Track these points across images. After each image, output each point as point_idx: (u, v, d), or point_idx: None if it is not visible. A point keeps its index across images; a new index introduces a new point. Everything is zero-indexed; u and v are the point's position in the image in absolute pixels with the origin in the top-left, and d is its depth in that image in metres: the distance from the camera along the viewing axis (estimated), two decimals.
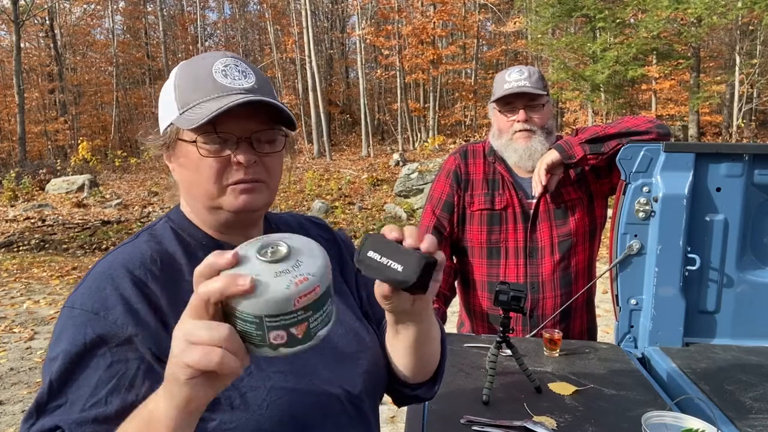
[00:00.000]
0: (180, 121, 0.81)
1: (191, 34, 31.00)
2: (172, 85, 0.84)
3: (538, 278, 1.83)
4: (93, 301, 0.75)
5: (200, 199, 0.85)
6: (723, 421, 1.23)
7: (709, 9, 12.90)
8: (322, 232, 1.06)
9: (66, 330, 0.75)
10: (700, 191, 1.65)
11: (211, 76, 0.81)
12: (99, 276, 0.79)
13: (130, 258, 0.81)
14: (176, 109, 0.82)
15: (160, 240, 0.86)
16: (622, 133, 1.74)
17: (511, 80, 1.78)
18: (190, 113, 0.80)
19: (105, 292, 0.76)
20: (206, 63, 0.83)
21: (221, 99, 0.79)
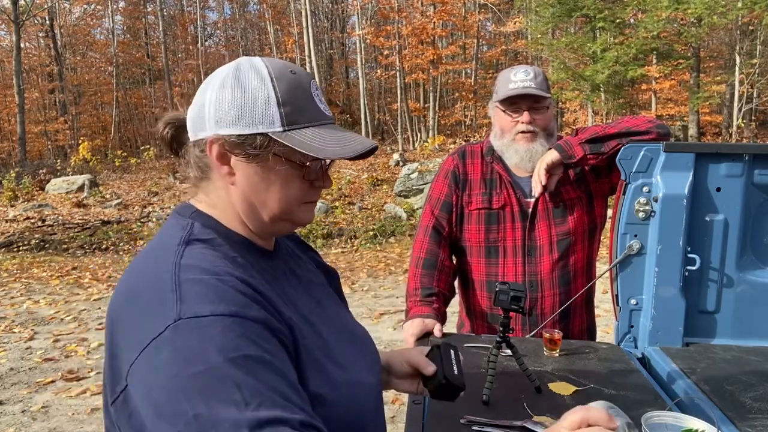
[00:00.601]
0: (289, 140, 0.80)
1: (191, 34, 31.00)
2: (271, 92, 0.80)
3: (536, 277, 1.84)
4: (223, 304, 0.70)
5: (272, 211, 0.85)
6: (723, 421, 1.23)
7: (709, 9, 12.90)
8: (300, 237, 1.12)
9: (209, 340, 0.67)
10: (700, 191, 1.65)
11: (313, 99, 0.84)
12: (205, 282, 0.73)
13: (217, 265, 0.77)
14: (278, 122, 0.80)
15: (213, 244, 0.83)
16: (622, 133, 1.74)
17: (517, 80, 1.77)
18: (298, 134, 0.80)
19: (229, 295, 0.72)
20: (303, 81, 0.84)
21: (329, 129, 0.84)
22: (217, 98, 0.82)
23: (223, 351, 0.66)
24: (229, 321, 0.69)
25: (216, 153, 0.82)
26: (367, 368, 0.92)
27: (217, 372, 0.65)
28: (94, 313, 5.68)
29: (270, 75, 0.81)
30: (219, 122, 0.81)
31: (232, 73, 0.83)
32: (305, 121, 0.82)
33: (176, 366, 0.66)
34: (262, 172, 0.83)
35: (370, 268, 7.62)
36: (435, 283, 1.84)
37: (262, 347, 0.69)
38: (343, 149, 0.80)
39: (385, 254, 8.49)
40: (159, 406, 0.65)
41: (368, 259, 8.19)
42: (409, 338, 1.72)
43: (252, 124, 0.80)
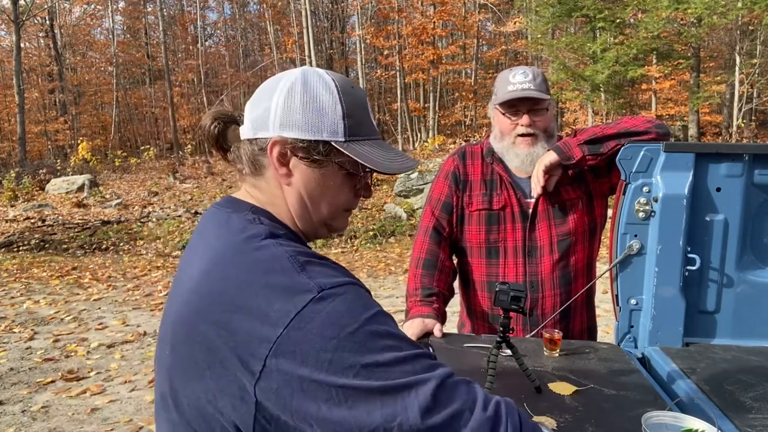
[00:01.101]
0: (350, 150, 0.86)
1: (191, 34, 31.00)
2: (339, 104, 0.87)
3: (537, 277, 1.84)
4: (347, 276, 0.78)
5: (321, 214, 0.92)
6: (723, 421, 1.23)
7: (709, 9, 12.90)
8: None
9: (353, 301, 0.75)
10: (700, 191, 1.65)
11: (369, 115, 0.92)
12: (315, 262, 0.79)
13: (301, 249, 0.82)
14: (341, 132, 0.86)
15: (286, 237, 0.87)
16: (621, 133, 1.74)
17: (516, 82, 1.77)
18: (358, 146, 0.88)
19: (339, 269, 0.80)
20: (362, 97, 0.92)
21: (380, 144, 0.92)
22: (284, 103, 0.87)
23: (366, 310, 0.74)
24: (354, 287, 0.77)
25: (277, 153, 0.87)
26: None
27: (369, 326, 0.72)
28: (94, 313, 5.68)
29: (337, 88, 0.88)
30: (284, 125, 0.86)
31: (300, 81, 0.88)
32: (364, 135, 0.89)
33: (333, 328, 0.71)
34: (321, 177, 0.89)
35: (370, 268, 7.62)
36: (435, 284, 1.84)
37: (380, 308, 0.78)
38: (395, 165, 0.89)
39: (385, 254, 8.49)
40: (321, 369, 0.69)
41: (368, 259, 8.19)
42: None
43: (318, 132, 0.86)
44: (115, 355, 4.48)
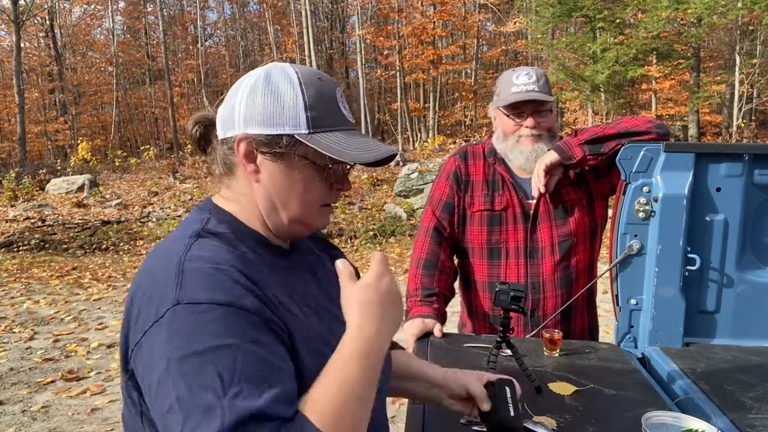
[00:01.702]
0: (314, 142, 0.84)
1: (191, 34, 31.00)
2: (300, 96, 0.85)
3: (538, 278, 1.83)
4: (219, 293, 0.74)
5: (293, 211, 0.89)
6: (723, 421, 1.23)
7: (709, 9, 12.90)
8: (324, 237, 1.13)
9: (202, 326, 0.71)
10: (700, 191, 1.65)
11: (338, 104, 0.89)
12: (205, 271, 0.76)
13: (219, 256, 0.80)
14: (304, 124, 0.85)
15: (230, 241, 0.86)
16: (621, 133, 1.74)
17: (519, 83, 1.77)
18: (323, 137, 0.85)
19: (226, 284, 0.75)
20: (329, 88, 0.89)
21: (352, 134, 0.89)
22: (247, 100, 0.87)
23: (213, 338, 0.70)
24: (223, 310, 0.72)
25: (243, 151, 0.87)
26: None
27: (203, 358, 0.69)
28: (94, 313, 5.68)
29: (299, 80, 0.86)
30: (248, 122, 0.86)
31: (263, 77, 0.88)
32: (330, 126, 0.87)
33: (169, 348, 0.70)
34: (287, 171, 0.87)
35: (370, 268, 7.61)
36: (435, 284, 1.84)
37: (251, 336, 0.72)
38: (364, 154, 0.85)
39: (385, 254, 8.49)
40: (152, 385, 0.71)
41: (368, 259, 8.19)
42: (409, 338, 1.72)
43: (279, 125, 0.85)
44: (115, 355, 4.48)
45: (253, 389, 0.68)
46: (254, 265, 0.83)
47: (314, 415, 0.70)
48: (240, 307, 0.74)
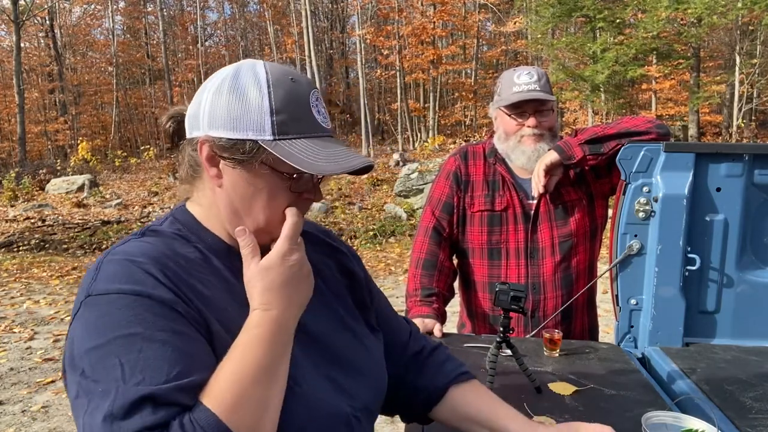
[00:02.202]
0: (278, 149, 0.78)
1: (191, 34, 31.00)
2: (266, 99, 0.79)
3: (539, 279, 1.83)
4: (128, 283, 0.73)
5: (257, 220, 0.83)
6: (723, 421, 1.23)
7: (709, 9, 12.90)
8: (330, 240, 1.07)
9: (107, 315, 0.71)
10: (700, 191, 1.65)
11: (309, 109, 0.82)
12: (119, 263, 0.76)
13: (146, 250, 0.79)
14: (268, 130, 0.79)
15: (167, 240, 0.84)
16: (621, 133, 1.74)
17: (521, 83, 1.77)
18: (288, 145, 0.79)
19: (137, 274, 0.75)
20: (302, 90, 0.82)
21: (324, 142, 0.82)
22: (212, 100, 0.82)
23: (119, 327, 0.70)
24: (130, 299, 0.72)
25: (206, 154, 0.82)
26: (346, 395, 0.86)
27: (108, 347, 0.69)
28: None
29: (267, 81, 0.80)
30: (212, 123, 0.81)
31: (231, 76, 0.82)
32: (297, 132, 0.80)
33: (80, 339, 0.72)
34: (249, 179, 0.82)
35: (370, 268, 7.62)
36: (435, 284, 1.84)
37: (159, 325, 0.71)
38: (331, 165, 0.78)
39: (385, 254, 8.49)
40: (67, 372, 0.73)
41: (368, 259, 8.19)
42: None
43: (242, 130, 0.80)
44: None
45: (155, 377, 0.67)
46: (192, 264, 0.81)
47: (212, 401, 0.68)
48: (149, 296, 0.73)
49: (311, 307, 0.86)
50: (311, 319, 0.87)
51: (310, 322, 0.87)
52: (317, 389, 0.83)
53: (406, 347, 1.09)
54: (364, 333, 0.98)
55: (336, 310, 0.95)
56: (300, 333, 0.83)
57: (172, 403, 0.67)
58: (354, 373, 0.90)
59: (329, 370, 0.87)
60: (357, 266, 1.06)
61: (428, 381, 1.06)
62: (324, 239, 1.05)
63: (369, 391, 0.92)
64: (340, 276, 1.01)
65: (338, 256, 1.03)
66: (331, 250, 1.03)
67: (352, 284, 1.02)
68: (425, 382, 1.06)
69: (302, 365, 0.83)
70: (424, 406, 1.06)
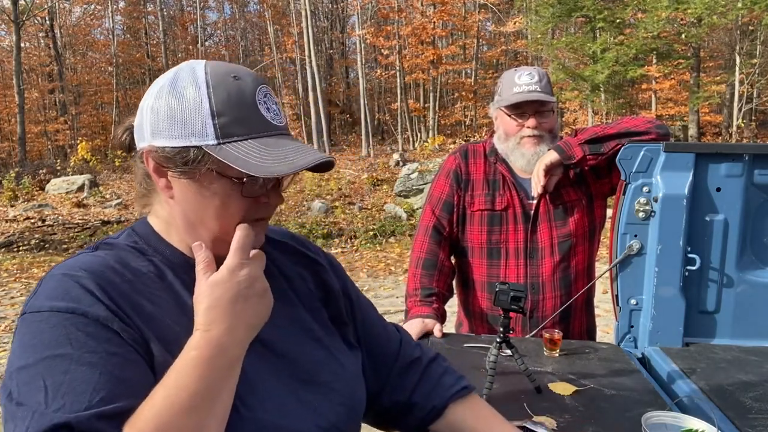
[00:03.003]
0: (223, 154, 0.74)
1: (191, 34, 31.01)
2: (206, 101, 0.75)
3: (538, 279, 1.83)
4: (64, 301, 0.71)
5: (212, 229, 0.80)
6: (723, 421, 1.23)
7: (709, 9, 12.90)
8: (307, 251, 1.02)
9: (39, 334, 0.69)
10: (700, 191, 1.65)
11: (256, 108, 0.77)
12: (59, 279, 0.74)
13: (89, 265, 0.76)
14: (211, 134, 0.75)
15: (121, 253, 0.81)
16: (621, 133, 1.74)
17: (522, 84, 1.77)
18: (234, 148, 0.75)
19: (74, 291, 0.72)
20: (246, 88, 0.77)
21: (274, 140, 0.77)
22: (153, 107, 0.78)
23: (48, 347, 0.68)
24: (62, 317, 0.69)
25: (152, 165, 0.78)
26: (313, 413, 0.83)
27: (36, 368, 0.66)
28: None
29: (207, 82, 0.76)
30: (154, 133, 0.77)
31: (169, 81, 0.78)
32: (244, 134, 0.76)
33: (13, 357, 0.70)
34: (198, 188, 0.78)
35: (370, 268, 7.62)
36: (435, 284, 1.84)
37: (90, 346, 0.68)
38: (281, 166, 0.74)
39: (385, 254, 8.49)
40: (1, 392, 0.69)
41: (368, 259, 8.19)
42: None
43: (185, 136, 0.75)
44: None
45: (77, 403, 0.64)
46: (142, 279, 0.78)
47: (133, 431, 0.64)
48: (83, 314, 0.70)
49: (280, 322, 0.84)
50: (279, 334, 0.85)
51: (278, 338, 0.84)
52: (277, 410, 0.79)
53: (396, 358, 1.05)
54: (340, 348, 0.94)
55: (307, 324, 0.91)
56: (266, 349, 0.81)
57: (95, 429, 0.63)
58: (324, 389, 0.86)
59: (296, 387, 0.83)
60: (335, 278, 1.01)
61: (425, 398, 1.02)
62: (300, 249, 1.01)
63: (340, 408, 0.87)
64: (315, 289, 0.97)
65: (315, 267, 1.00)
66: (308, 262, 1.00)
67: (328, 298, 0.98)
68: (422, 398, 1.02)
69: (264, 383, 0.80)
70: (422, 423, 1.02)
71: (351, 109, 28.80)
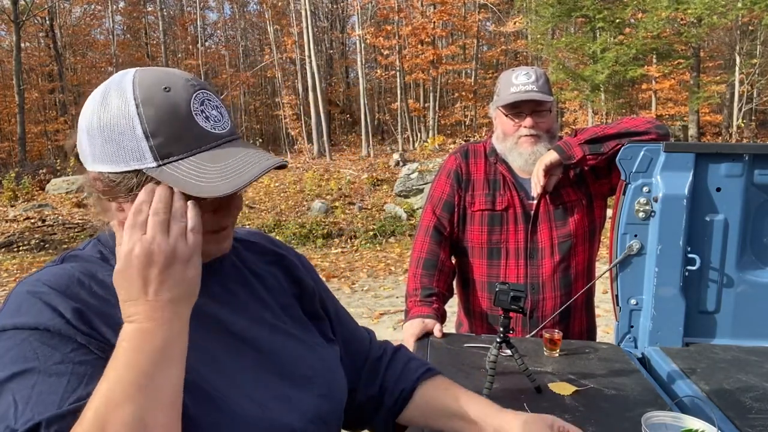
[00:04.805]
0: (164, 177, 0.71)
1: (191, 34, 30.99)
2: (136, 122, 0.71)
3: (538, 279, 1.83)
4: (26, 318, 0.70)
5: None
6: (723, 421, 1.23)
7: (709, 9, 12.90)
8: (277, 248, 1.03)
9: (5, 353, 0.68)
10: (700, 191, 1.66)
11: (193, 120, 0.73)
12: (22, 295, 0.73)
13: (55, 279, 0.75)
14: (149, 156, 0.72)
15: (87, 264, 0.80)
16: (621, 133, 1.74)
17: (519, 83, 1.77)
18: (174, 168, 0.72)
19: (36, 307, 0.71)
20: (179, 100, 0.73)
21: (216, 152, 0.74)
22: (88, 131, 0.74)
23: (14, 363, 0.67)
24: (27, 333, 0.69)
25: (101, 190, 0.76)
26: (292, 407, 0.83)
27: (4, 386, 0.66)
28: None
29: (135, 100, 0.72)
30: (95, 158, 0.75)
31: (99, 102, 0.74)
32: (182, 151, 0.72)
33: None
34: None
35: (370, 268, 7.62)
36: (435, 284, 1.84)
37: (56, 359, 0.68)
38: (224, 184, 0.71)
39: (385, 254, 8.49)
40: None
41: (368, 259, 8.19)
42: (409, 338, 1.72)
43: (124, 161, 0.72)
44: None
45: (48, 410, 0.64)
46: (108, 290, 0.75)
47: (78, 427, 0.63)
48: (45, 329, 0.69)
49: (256, 319, 0.84)
50: (256, 331, 0.85)
51: (255, 335, 0.85)
52: (259, 405, 0.79)
53: (368, 354, 1.08)
54: (317, 342, 0.95)
55: (282, 320, 0.91)
56: (246, 346, 0.81)
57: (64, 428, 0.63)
58: (305, 382, 0.87)
59: (277, 382, 0.84)
60: (306, 275, 1.02)
61: (395, 382, 1.05)
62: (270, 248, 1.01)
63: (321, 400, 0.88)
64: (287, 285, 0.98)
65: (285, 263, 1.00)
66: (278, 259, 1.00)
67: (302, 293, 0.99)
68: (392, 383, 1.05)
69: (245, 379, 0.80)
70: (391, 412, 1.04)
71: (351, 109, 28.80)
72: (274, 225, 9.53)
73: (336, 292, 6.28)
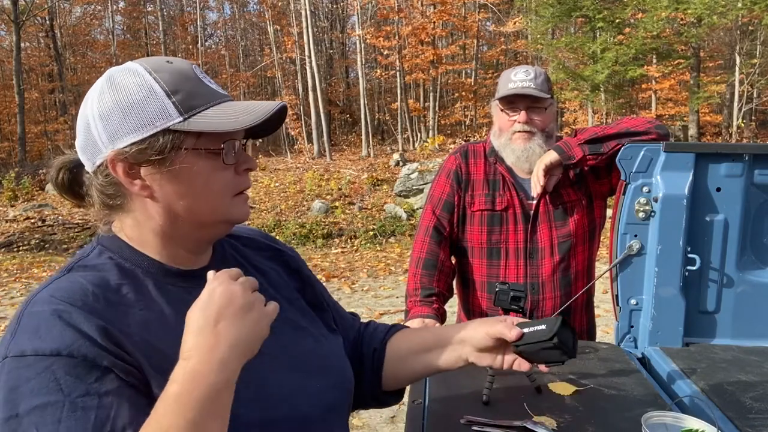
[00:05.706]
0: (194, 125, 0.74)
1: (191, 34, 31.00)
2: (156, 85, 0.75)
3: (538, 279, 1.83)
4: (47, 342, 0.67)
5: (203, 213, 0.80)
6: (723, 421, 1.23)
7: (709, 9, 12.90)
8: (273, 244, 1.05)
9: (25, 382, 0.65)
10: (700, 191, 1.65)
11: (201, 81, 0.79)
12: (40, 314, 0.70)
13: (68, 293, 0.73)
14: (174, 112, 0.74)
15: (99, 274, 0.78)
16: (621, 133, 1.74)
17: (516, 80, 1.77)
18: (201, 118, 0.75)
19: (57, 328, 0.68)
20: (183, 68, 0.79)
21: (230, 104, 0.79)
22: (100, 113, 0.76)
23: (36, 396, 0.64)
24: (48, 361, 0.66)
25: (122, 171, 0.76)
26: (309, 399, 0.85)
27: (25, 419, 0.64)
28: None
29: (147, 70, 0.77)
30: (113, 136, 0.75)
31: (106, 83, 0.78)
32: (203, 103, 0.77)
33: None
34: (179, 172, 0.76)
35: (370, 268, 7.62)
36: (435, 284, 1.84)
37: (81, 390, 0.66)
38: (252, 116, 0.76)
39: (385, 254, 8.49)
40: None
41: (368, 259, 8.19)
42: None
43: (149, 124, 0.75)
44: None
45: None
46: (125, 300, 0.76)
47: None
48: (68, 355, 0.66)
49: None
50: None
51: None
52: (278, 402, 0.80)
53: (361, 340, 1.12)
54: (323, 333, 0.97)
55: (289, 315, 0.93)
56: None
57: None
58: (318, 374, 0.89)
59: (292, 377, 0.85)
60: (304, 267, 1.05)
61: (368, 345, 1.09)
62: (269, 244, 1.02)
63: (335, 390, 0.90)
64: (289, 279, 0.99)
65: (284, 258, 1.02)
66: (275, 253, 1.01)
67: (304, 286, 1.01)
68: (366, 347, 1.09)
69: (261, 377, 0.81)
70: (373, 370, 1.06)
71: (351, 109, 28.79)
72: (274, 225, 9.53)
73: (336, 292, 6.28)
